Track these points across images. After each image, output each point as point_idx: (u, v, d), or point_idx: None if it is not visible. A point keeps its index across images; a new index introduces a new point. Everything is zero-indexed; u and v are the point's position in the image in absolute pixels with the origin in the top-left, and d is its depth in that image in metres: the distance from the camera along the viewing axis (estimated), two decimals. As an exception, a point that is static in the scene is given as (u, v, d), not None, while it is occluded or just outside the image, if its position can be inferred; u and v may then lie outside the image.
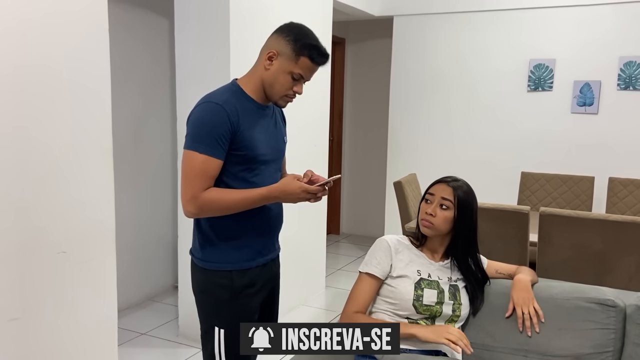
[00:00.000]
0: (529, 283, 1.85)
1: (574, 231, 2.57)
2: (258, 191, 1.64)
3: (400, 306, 1.78)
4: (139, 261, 3.84)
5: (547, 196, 4.00)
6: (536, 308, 1.81)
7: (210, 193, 1.61)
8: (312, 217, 3.94)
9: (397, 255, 1.83)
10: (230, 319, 1.72)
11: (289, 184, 1.63)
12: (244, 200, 1.64)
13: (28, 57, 1.88)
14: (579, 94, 4.26)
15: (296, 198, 1.63)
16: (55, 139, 2.00)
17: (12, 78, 1.84)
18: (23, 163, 1.90)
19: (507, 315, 1.82)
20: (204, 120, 1.62)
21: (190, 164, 1.61)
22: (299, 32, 1.66)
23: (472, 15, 4.58)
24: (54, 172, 2.00)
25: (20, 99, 1.87)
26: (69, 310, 2.10)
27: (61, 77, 1.99)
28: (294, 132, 3.62)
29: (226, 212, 1.65)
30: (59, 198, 2.03)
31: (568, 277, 2.41)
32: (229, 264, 1.71)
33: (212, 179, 1.63)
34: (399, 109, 4.94)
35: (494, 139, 4.59)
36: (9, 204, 1.88)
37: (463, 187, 1.83)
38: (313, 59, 1.65)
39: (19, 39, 1.85)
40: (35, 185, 1.95)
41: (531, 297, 1.82)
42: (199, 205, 1.61)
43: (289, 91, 1.69)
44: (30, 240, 1.95)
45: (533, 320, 1.79)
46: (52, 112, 1.98)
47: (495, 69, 4.54)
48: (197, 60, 3.04)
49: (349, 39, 5.82)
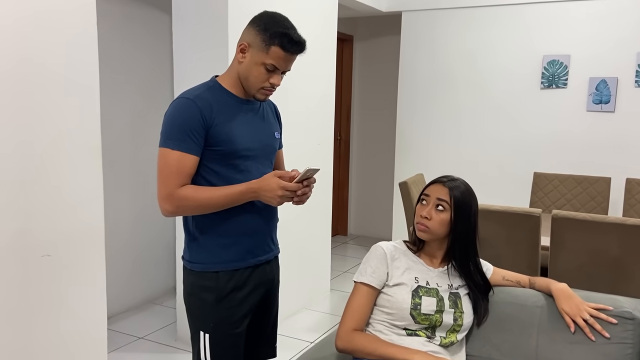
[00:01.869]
0: (569, 288, 1.72)
1: (588, 236, 2.43)
2: (236, 187, 1.58)
3: (397, 316, 1.66)
4: (139, 263, 3.77)
5: (560, 198, 3.84)
6: (594, 307, 1.67)
7: (186, 190, 1.56)
8: (316, 217, 3.83)
9: (394, 262, 1.72)
10: (216, 323, 1.66)
11: (266, 180, 1.57)
12: (220, 197, 1.57)
13: (11, 54, 1.80)
14: (594, 92, 4.10)
15: (275, 196, 1.55)
16: (40, 137, 1.92)
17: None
18: (4, 162, 1.82)
19: (573, 331, 1.66)
20: (175, 116, 1.58)
21: (164, 161, 1.56)
22: (268, 20, 1.61)
23: (482, 10, 4.44)
24: (38, 171, 1.92)
25: (1, 96, 1.79)
26: (55, 316, 2.02)
27: (46, 73, 1.92)
28: (296, 131, 3.55)
29: (204, 210, 1.59)
30: (43, 199, 1.95)
31: (582, 285, 2.26)
32: (216, 264, 1.65)
33: (188, 176, 1.57)
34: (407, 108, 4.82)
35: (505, 139, 4.45)
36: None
37: (460, 187, 1.71)
38: (284, 47, 1.58)
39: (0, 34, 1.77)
40: (17, 185, 1.87)
41: (580, 300, 1.69)
42: (174, 203, 1.56)
43: (264, 83, 1.62)
44: (12, 244, 1.87)
45: (601, 317, 1.64)
46: (36, 110, 1.90)
47: (507, 65, 4.39)
48: (195, 59, 2.98)
49: (357, 36, 5.71)
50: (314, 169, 1.57)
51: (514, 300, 1.77)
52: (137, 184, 3.71)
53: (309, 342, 3.26)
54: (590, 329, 1.65)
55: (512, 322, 1.74)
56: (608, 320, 1.64)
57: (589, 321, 1.65)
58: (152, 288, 3.88)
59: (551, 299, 1.73)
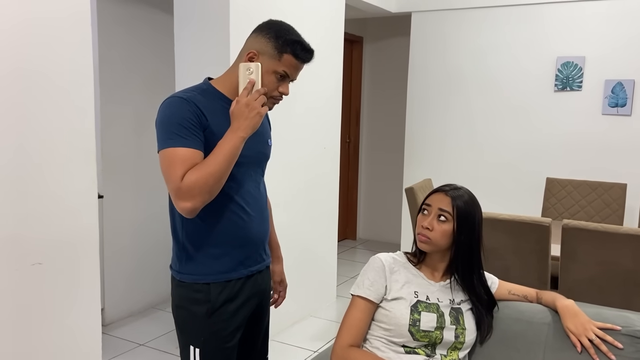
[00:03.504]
0: (575, 305, 1.63)
1: (601, 247, 2.32)
2: (225, 143, 1.46)
3: (395, 332, 1.59)
4: (142, 268, 3.73)
5: (574, 204, 3.72)
6: (600, 327, 1.58)
7: (189, 178, 1.43)
8: (322, 221, 3.76)
9: (393, 275, 1.64)
10: (207, 337, 1.59)
11: (234, 114, 1.47)
12: (222, 154, 1.45)
13: (5, 60, 1.76)
14: (610, 94, 3.98)
15: (252, 115, 1.46)
16: (32, 142, 1.87)
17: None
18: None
19: (579, 351, 1.57)
20: (170, 115, 1.49)
21: (167, 162, 1.46)
22: (279, 28, 1.56)
23: (494, 11, 4.34)
24: (29, 175, 1.88)
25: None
26: (48, 325, 1.97)
27: (37, 73, 1.87)
28: (300, 134, 3.49)
29: (218, 180, 1.46)
30: (34, 205, 1.90)
31: (593, 299, 2.16)
32: (207, 275, 1.59)
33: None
34: (417, 110, 4.73)
35: (517, 143, 4.34)
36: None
37: (463, 197, 1.62)
38: (297, 55, 1.54)
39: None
40: (6, 190, 1.82)
41: (587, 319, 1.60)
42: (187, 194, 1.43)
43: (274, 92, 1.57)
44: (1, 251, 1.82)
45: (607, 339, 1.55)
46: (28, 114, 1.85)
47: (520, 67, 4.28)
48: (196, 60, 2.95)
49: (367, 38, 5.63)
50: (248, 65, 1.50)
51: (520, 317, 1.68)
52: (139, 189, 3.67)
53: (312, 351, 3.18)
54: (595, 350, 1.56)
55: (518, 340, 1.66)
56: (614, 344, 1.55)
57: (595, 342, 1.56)
58: (155, 293, 3.84)
59: (556, 314, 1.64)
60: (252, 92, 1.49)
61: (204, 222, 1.56)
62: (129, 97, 3.54)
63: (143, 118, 3.66)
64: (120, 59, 3.48)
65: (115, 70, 3.45)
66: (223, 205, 1.56)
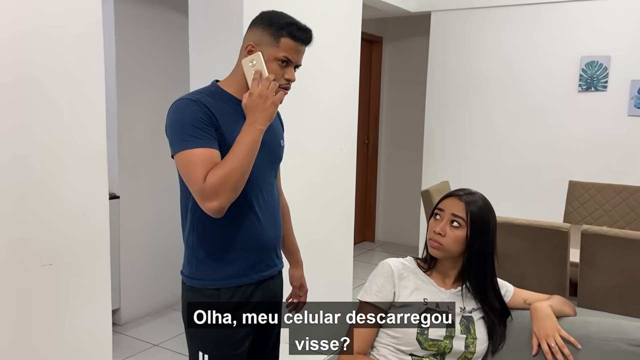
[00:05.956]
0: (549, 308, 1.59)
1: (623, 254, 2.24)
2: (244, 132, 1.45)
3: (403, 340, 1.55)
4: (159, 268, 3.75)
5: (598, 208, 3.61)
6: (564, 336, 1.55)
7: (212, 177, 1.40)
8: (338, 222, 3.72)
9: (401, 281, 1.60)
10: (216, 343, 1.57)
11: (248, 107, 1.46)
12: (241, 150, 1.43)
13: (13, 59, 1.77)
14: (636, 95, 3.86)
15: (267, 106, 1.45)
16: (42, 142, 1.88)
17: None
18: (4, 167, 1.78)
19: (534, 353, 1.56)
20: (181, 117, 1.46)
21: (186, 163, 1.43)
22: (271, 16, 1.55)
23: (516, 9, 4.24)
24: (39, 177, 1.88)
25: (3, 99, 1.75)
26: (58, 326, 1.98)
27: (48, 74, 1.87)
28: (315, 135, 3.45)
29: (241, 176, 1.43)
30: (45, 206, 1.90)
31: (613, 307, 2.09)
32: (218, 281, 1.56)
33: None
34: (436, 112, 4.66)
35: (539, 145, 4.23)
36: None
37: (477, 202, 1.57)
38: (294, 35, 1.52)
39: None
40: (17, 191, 1.83)
41: (554, 325, 1.56)
42: (212, 194, 1.40)
43: (280, 80, 1.53)
44: (12, 253, 1.83)
45: (564, 351, 1.53)
46: (38, 114, 1.86)
47: (542, 67, 4.18)
48: (210, 60, 2.94)
49: (387, 38, 5.57)
50: (250, 58, 1.49)
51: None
52: (155, 189, 3.69)
53: (324, 356, 3.14)
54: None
55: (530, 350, 1.59)
56: (567, 357, 1.54)
57: (553, 349, 1.54)
58: (171, 293, 3.85)
59: (573, 325, 1.59)
60: (261, 82, 1.47)
61: (215, 225, 1.53)
62: (145, 98, 3.56)
63: (160, 118, 3.66)
64: (137, 60, 3.50)
65: (132, 71, 3.47)
66: (235, 209, 1.51)
